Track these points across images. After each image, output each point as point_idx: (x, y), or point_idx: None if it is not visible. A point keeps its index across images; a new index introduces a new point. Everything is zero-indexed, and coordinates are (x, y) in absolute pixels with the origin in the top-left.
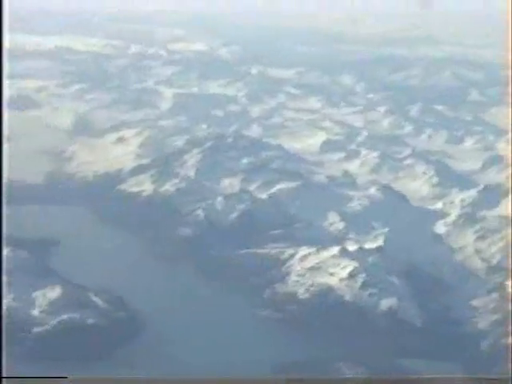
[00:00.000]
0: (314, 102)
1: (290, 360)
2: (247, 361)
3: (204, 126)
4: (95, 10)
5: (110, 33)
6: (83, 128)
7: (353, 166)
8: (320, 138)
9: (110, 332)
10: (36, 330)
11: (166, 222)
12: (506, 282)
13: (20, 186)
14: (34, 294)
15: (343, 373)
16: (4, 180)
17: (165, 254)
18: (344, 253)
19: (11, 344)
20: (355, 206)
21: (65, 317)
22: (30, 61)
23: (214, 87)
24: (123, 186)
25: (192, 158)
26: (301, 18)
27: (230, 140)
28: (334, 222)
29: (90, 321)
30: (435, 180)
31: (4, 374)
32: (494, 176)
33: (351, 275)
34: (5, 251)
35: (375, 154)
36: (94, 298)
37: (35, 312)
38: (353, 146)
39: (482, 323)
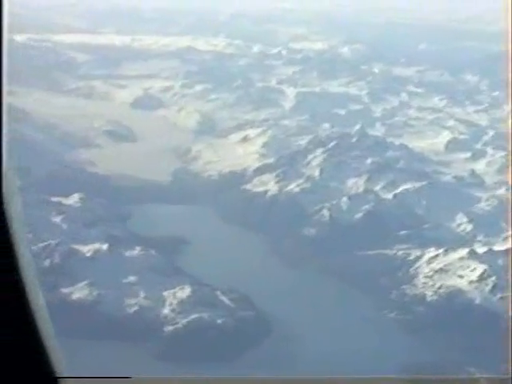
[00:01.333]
0: (437, 101)
1: (418, 362)
2: (373, 362)
3: (327, 126)
4: (218, 10)
5: (233, 32)
6: (208, 127)
7: (479, 166)
8: (445, 137)
9: (239, 332)
10: (167, 329)
11: (290, 221)
12: None
13: (147, 184)
14: (165, 293)
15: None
16: (132, 179)
17: (290, 254)
18: (473, 255)
19: (143, 342)
20: (483, 206)
21: (194, 316)
22: (155, 61)
23: (336, 86)
24: (248, 186)
25: (316, 158)
26: (419, 14)
27: (353, 140)
28: (461, 223)
29: (219, 320)
30: None
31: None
32: None
33: (481, 278)
34: (135, 251)
35: (502, 153)
36: (222, 298)
37: (166, 311)
38: (479, 146)
39: None
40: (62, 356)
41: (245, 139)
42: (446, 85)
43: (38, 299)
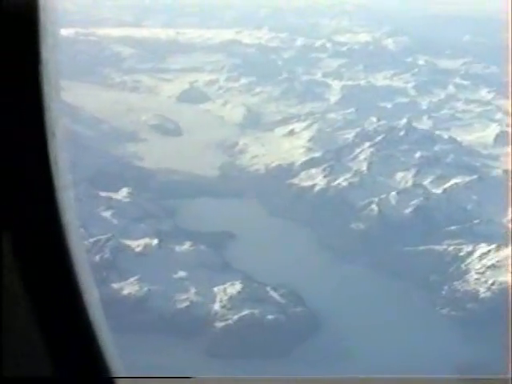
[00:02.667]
0: (484, 93)
1: (471, 360)
2: (425, 360)
3: (374, 119)
4: (259, 3)
5: (276, 25)
6: (253, 121)
7: None
8: (493, 130)
9: (289, 328)
10: (218, 325)
11: (339, 216)
12: None
13: (194, 179)
14: (215, 289)
15: None
16: (179, 173)
17: (339, 249)
18: None
19: (194, 338)
20: None
21: (246, 312)
22: (199, 54)
23: (381, 79)
24: (295, 180)
25: (363, 152)
26: (464, 5)
27: (401, 133)
28: None
29: (270, 316)
30: None
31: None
32: None
33: None
34: (185, 246)
35: None
36: (272, 293)
37: (216, 307)
38: None
39: None
40: (117, 355)
41: (291, 133)
42: (492, 77)
43: (92, 295)
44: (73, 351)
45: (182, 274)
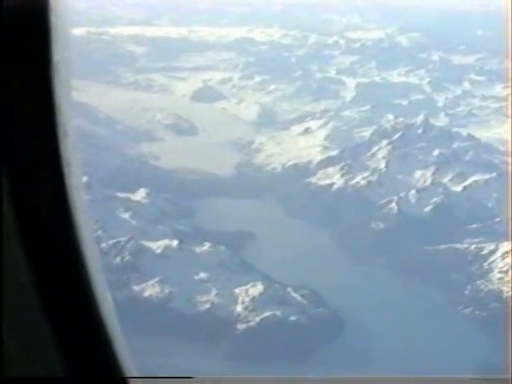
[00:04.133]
0: (499, 89)
1: (495, 361)
2: (448, 361)
3: (390, 117)
4: (270, 0)
5: (287, 22)
6: (268, 119)
7: None
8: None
9: (312, 330)
10: (240, 326)
11: (358, 215)
12: None
13: (210, 178)
14: (236, 291)
15: None
16: (195, 172)
17: (358, 249)
18: None
19: (216, 341)
20: None
21: (268, 314)
22: (212, 52)
23: (396, 76)
24: (313, 179)
25: (381, 150)
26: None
27: (419, 131)
28: None
29: (292, 318)
30: None
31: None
32: None
33: None
34: (205, 247)
35: None
36: (294, 294)
37: (239, 308)
38: None
39: None
40: (130, 355)
41: (307, 131)
42: (507, 72)
43: (106, 297)
44: (84, 351)
45: (202, 275)
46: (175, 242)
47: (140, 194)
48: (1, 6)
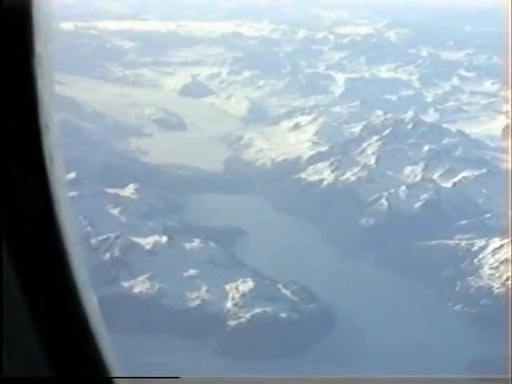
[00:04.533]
0: (488, 85)
1: (485, 358)
2: (439, 358)
3: (380, 112)
4: None
5: (276, 17)
6: (258, 115)
7: None
8: (500, 122)
9: (302, 326)
10: (231, 323)
11: (348, 211)
12: None
13: (199, 174)
14: (227, 287)
15: None
16: (184, 168)
17: (348, 245)
18: None
19: (207, 337)
20: None
21: (258, 310)
22: (200, 47)
23: (385, 71)
24: (302, 175)
25: (371, 146)
26: None
27: (409, 126)
28: None
29: (283, 314)
30: None
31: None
32: None
33: None
34: (195, 243)
35: None
36: (284, 291)
37: (229, 305)
38: None
39: None
40: (119, 353)
41: (296, 126)
42: (495, 68)
43: (90, 296)
44: (70, 351)
45: (192, 271)
46: (165, 238)
47: (129, 190)
48: None
